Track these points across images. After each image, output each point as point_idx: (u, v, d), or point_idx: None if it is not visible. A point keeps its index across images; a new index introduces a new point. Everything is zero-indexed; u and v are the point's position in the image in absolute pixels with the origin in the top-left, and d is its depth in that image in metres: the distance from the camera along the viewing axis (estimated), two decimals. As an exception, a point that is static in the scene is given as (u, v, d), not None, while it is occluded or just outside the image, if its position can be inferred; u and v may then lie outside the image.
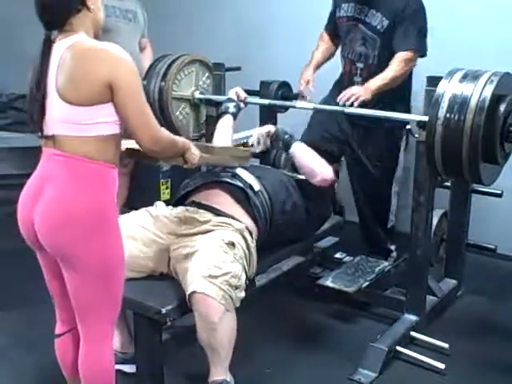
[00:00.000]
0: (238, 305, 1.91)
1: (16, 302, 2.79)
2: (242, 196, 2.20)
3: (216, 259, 1.90)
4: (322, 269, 2.92)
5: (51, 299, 1.80)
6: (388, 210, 2.93)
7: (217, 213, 2.14)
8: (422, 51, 2.64)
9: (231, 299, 1.87)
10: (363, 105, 2.49)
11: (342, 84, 2.82)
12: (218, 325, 1.84)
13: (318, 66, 2.87)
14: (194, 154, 1.81)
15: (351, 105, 2.49)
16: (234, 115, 2.63)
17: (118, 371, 1.78)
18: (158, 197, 3.55)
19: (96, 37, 1.60)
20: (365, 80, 2.66)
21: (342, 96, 2.53)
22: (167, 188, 3.67)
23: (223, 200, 2.20)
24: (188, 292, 1.85)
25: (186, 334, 2.28)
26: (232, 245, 1.98)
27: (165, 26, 4.22)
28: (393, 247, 3.02)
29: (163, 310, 1.85)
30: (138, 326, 1.95)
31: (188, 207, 2.19)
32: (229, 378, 1.98)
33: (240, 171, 2.29)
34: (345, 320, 2.69)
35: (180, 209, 2.18)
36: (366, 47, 2.68)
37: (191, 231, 2.07)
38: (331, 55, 2.92)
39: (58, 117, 1.53)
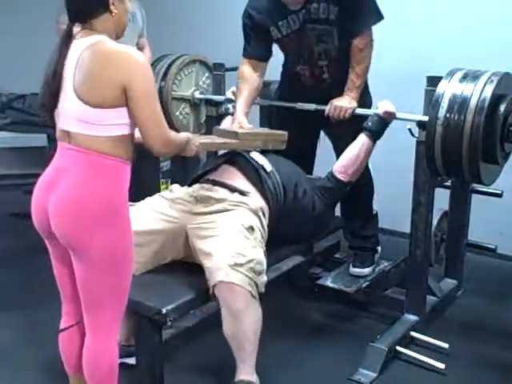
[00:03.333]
0: (263, 290, 1.94)
1: (17, 301, 2.79)
2: (254, 176, 2.23)
3: (239, 246, 1.92)
4: (322, 269, 2.92)
5: (58, 293, 1.80)
6: (371, 187, 2.74)
7: (232, 189, 2.16)
8: (378, 20, 2.44)
9: (256, 286, 1.90)
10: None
11: (302, 85, 2.61)
12: (244, 313, 1.87)
13: (247, 110, 2.56)
14: (193, 144, 1.89)
15: (340, 118, 2.45)
16: None
17: (121, 366, 1.77)
18: (157, 197, 3.55)
19: (118, 38, 1.64)
20: (333, 74, 2.53)
21: (332, 114, 2.46)
22: (167, 188, 3.66)
23: (237, 178, 2.23)
24: (215, 281, 1.87)
25: (186, 334, 2.28)
26: (251, 229, 2.01)
27: (165, 26, 4.22)
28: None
29: (163, 310, 1.85)
30: (138, 326, 1.95)
31: (203, 184, 2.22)
32: (255, 379, 1.99)
33: (252, 153, 2.32)
34: (345, 320, 2.69)
35: (195, 187, 2.22)
36: (325, 42, 2.46)
37: (208, 209, 2.09)
38: (258, 90, 2.62)
39: (74, 115, 1.57)
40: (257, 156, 2.32)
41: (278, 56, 2.64)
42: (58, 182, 1.59)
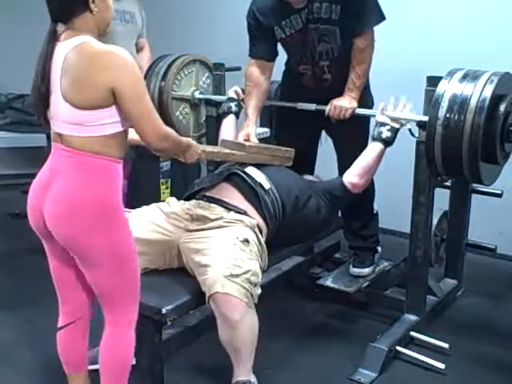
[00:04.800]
0: (256, 301, 1.93)
1: (17, 302, 2.79)
2: (251, 194, 2.22)
3: (234, 257, 1.91)
4: (322, 269, 2.92)
5: (55, 292, 1.80)
6: (372, 187, 2.70)
7: (228, 207, 2.15)
8: (380, 21, 2.43)
9: (252, 296, 1.90)
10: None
11: (303, 85, 2.61)
12: (240, 323, 1.87)
13: (256, 117, 2.61)
14: (195, 151, 1.89)
15: (340, 119, 2.46)
16: (237, 114, 2.65)
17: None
18: (158, 197, 3.55)
19: (101, 35, 1.63)
20: (334, 75, 2.52)
21: (332, 114, 2.47)
22: (167, 188, 3.66)
23: (234, 195, 2.22)
24: (210, 293, 1.86)
25: (186, 334, 2.28)
26: (247, 241, 2.00)
27: (165, 26, 4.22)
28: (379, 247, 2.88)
29: (163, 310, 1.85)
30: (138, 326, 1.94)
31: (200, 201, 2.20)
32: (252, 378, 2.00)
33: (250, 170, 2.30)
34: (345, 320, 2.69)
35: (192, 203, 2.20)
36: (327, 42, 2.45)
37: (203, 227, 2.09)
38: (266, 95, 2.66)
39: (64, 117, 1.57)
40: (255, 173, 2.29)
41: (279, 56, 2.64)
42: (52, 182, 1.59)
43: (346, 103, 2.45)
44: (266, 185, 2.25)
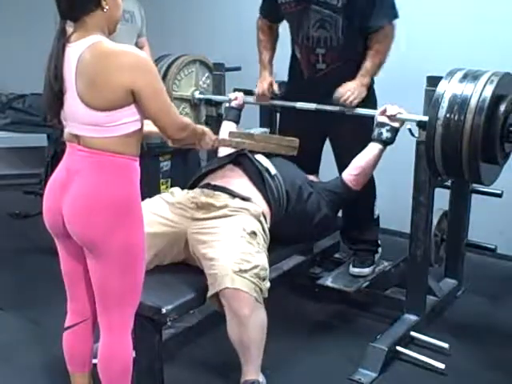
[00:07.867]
0: (266, 295, 1.94)
1: (17, 301, 2.79)
2: (257, 178, 2.23)
3: (242, 251, 1.92)
4: (322, 269, 2.92)
5: (58, 293, 1.81)
6: (373, 191, 2.73)
7: (233, 194, 2.15)
8: (395, 17, 2.44)
9: (261, 291, 1.90)
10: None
11: (302, 74, 2.61)
12: (250, 318, 1.87)
13: (271, 66, 2.71)
14: (209, 138, 1.91)
15: (350, 104, 2.43)
16: (237, 122, 2.70)
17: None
18: (157, 197, 3.55)
19: (110, 33, 1.63)
20: (329, 65, 2.50)
21: (341, 97, 2.42)
22: (167, 188, 3.66)
23: (239, 181, 2.23)
24: (220, 288, 1.86)
25: (186, 334, 2.28)
26: (254, 234, 2.01)
27: (165, 26, 4.22)
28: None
29: (163, 310, 1.85)
30: (138, 326, 1.95)
31: (204, 189, 2.20)
32: (261, 378, 2.01)
33: (258, 156, 2.32)
34: (345, 320, 2.69)
35: (196, 192, 2.20)
36: (327, 29, 2.40)
37: (209, 215, 2.08)
38: (276, 43, 2.74)
39: (81, 120, 1.57)
40: (262, 158, 2.31)
41: (278, 57, 2.64)
42: (71, 182, 1.60)
43: (354, 87, 2.42)
44: (273, 170, 2.27)
